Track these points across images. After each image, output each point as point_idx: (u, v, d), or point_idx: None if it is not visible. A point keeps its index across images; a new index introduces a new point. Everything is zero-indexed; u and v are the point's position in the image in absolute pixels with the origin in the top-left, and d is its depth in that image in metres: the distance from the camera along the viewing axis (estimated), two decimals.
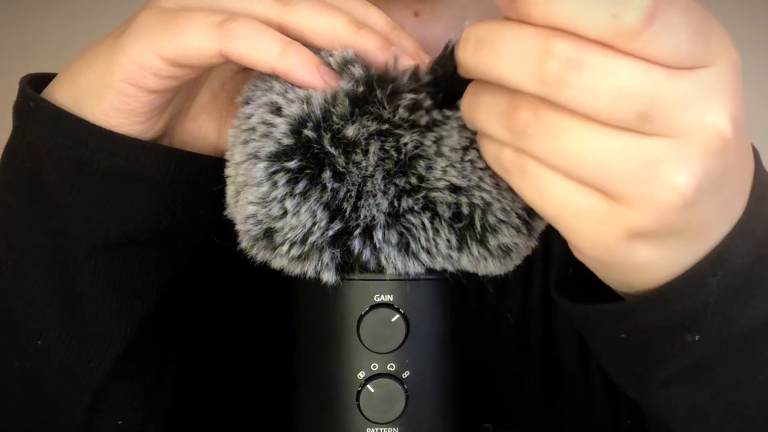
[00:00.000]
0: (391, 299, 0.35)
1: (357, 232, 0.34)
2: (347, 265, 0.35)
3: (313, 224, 0.33)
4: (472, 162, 0.34)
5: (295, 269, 0.35)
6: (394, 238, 0.34)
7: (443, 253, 0.34)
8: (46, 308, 0.41)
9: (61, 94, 0.40)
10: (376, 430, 0.35)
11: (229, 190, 0.36)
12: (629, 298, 0.34)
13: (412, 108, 0.33)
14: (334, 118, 0.34)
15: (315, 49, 0.36)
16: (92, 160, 0.38)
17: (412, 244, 0.34)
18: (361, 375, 0.35)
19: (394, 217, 0.34)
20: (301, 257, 0.34)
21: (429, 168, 0.34)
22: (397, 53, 0.35)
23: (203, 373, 0.50)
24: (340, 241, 0.34)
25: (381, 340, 0.35)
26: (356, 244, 0.34)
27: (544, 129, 0.28)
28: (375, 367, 0.35)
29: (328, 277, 0.34)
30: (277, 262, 0.35)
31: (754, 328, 0.33)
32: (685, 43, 0.26)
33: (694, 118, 0.27)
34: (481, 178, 0.34)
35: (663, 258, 0.30)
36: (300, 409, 0.38)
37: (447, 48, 0.34)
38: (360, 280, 0.35)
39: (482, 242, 0.34)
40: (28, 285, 0.41)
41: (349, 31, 0.36)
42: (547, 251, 0.52)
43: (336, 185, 0.34)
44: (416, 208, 0.34)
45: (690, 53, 0.27)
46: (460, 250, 0.34)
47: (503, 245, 0.35)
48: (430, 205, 0.34)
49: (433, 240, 0.34)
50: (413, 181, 0.34)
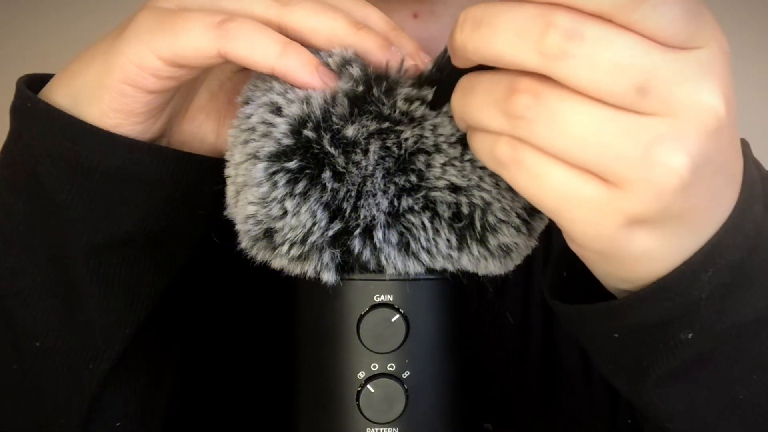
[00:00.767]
0: (391, 299, 0.35)
1: (357, 232, 0.34)
2: (347, 265, 0.35)
3: (313, 224, 0.33)
4: (471, 161, 0.34)
5: (295, 269, 0.35)
6: (394, 237, 0.34)
7: (443, 253, 0.34)
8: (45, 309, 0.41)
9: (59, 95, 0.40)
10: (376, 430, 0.35)
11: (229, 191, 0.36)
12: (622, 296, 0.34)
13: (409, 99, 0.33)
14: (334, 119, 0.34)
15: (314, 50, 0.36)
16: (90, 161, 0.38)
17: (412, 244, 0.34)
18: (361, 375, 0.35)
19: (394, 216, 0.34)
20: (301, 257, 0.34)
21: (428, 164, 0.34)
22: (399, 52, 0.35)
23: (203, 374, 0.50)
24: (340, 241, 0.34)
25: (381, 340, 0.35)
26: (356, 244, 0.34)
27: (544, 111, 0.28)
28: (375, 367, 0.35)
29: (328, 277, 0.34)
30: (277, 262, 0.35)
31: (746, 325, 0.33)
32: (679, 19, 0.27)
33: (690, 95, 0.27)
34: (481, 178, 0.34)
35: (660, 247, 0.30)
36: (300, 409, 0.38)
37: (447, 50, 0.34)
38: (360, 280, 0.35)
39: (482, 242, 0.34)
40: (27, 286, 0.41)
41: (349, 31, 0.36)
42: (548, 251, 0.52)
43: (336, 185, 0.34)
44: (416, 207, 0.34)
45: (684, 31, 0.27)
46: (460, 249, 0.34)
47: (503, 245, 0.35)
48: (430, 205, 0.34)
49: (433, 240, 0.34)
50: (413, 179, 0.34)
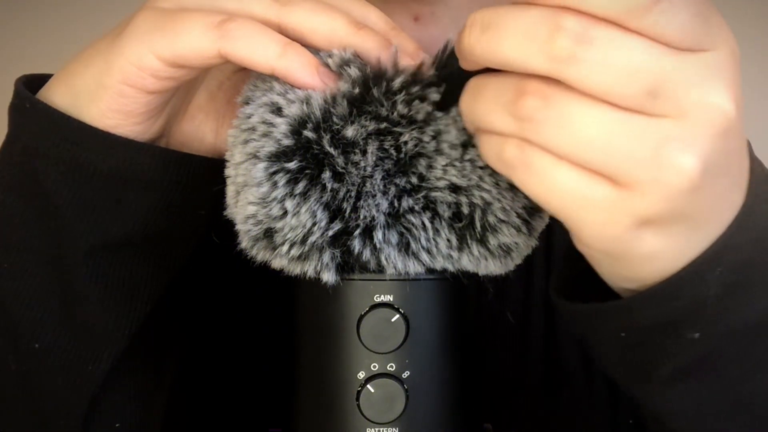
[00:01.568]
0: (391, 299, 0.35)
1: (357, 232, 0.34)
2: (347, 265, 0.35)
3: (313, 224, 0.33)
4: (472, 161, 0.34)
5: (295, 269, 0.35)
6: (394, 238, 0.34)
7: (443, 253, 0.34)
8: (44, 310, 0.41)
9: (58, 95, 0.40)
10: (376, 430, 0.35)
11: (229, 191, 0.36)
12: (627, 296, 0.34)
13: (410, 102, 0.33)
14: (334, 119, 0.34)
15: (313, 50, 0.36)
16: (89, 162, 0.38)
17: (413, 244, 0.34)
18: (361, 375, 0.35)
19: (394, 217, 0.34)
20: (301, 257, 0.34)
21: (430, 167, 0.34)
22: (396, 51, 0.35)
23: (203, 374, 0.50)
24: (340, 241, 0.34)
25: (381, 340, 0.35)
26: (356, 244, 0.34)
27: (553, 114, 0.28)
28: (375, 367, 0.35)
29: (328, 277, 0.34)
30: (277, 262, 0.35)
31: (752, 325, 0.33)
32: (689, 23, 0.27)
33: (700, 97, 0.27)
34: (481, 178, 0.34)
35: (668, 247, 0.30)
36: (300, 409, 0.38)
37: (446, 48, 0.34)
38: (360, 280, 0.35)
39: (482, 242, 0.34)
40: (26, 287, 0.41)
41: (349, 31, 0.36)
42: (549, 250, 0.52)
43: (336, 185, 0.33)
44: (416, 208, 0.34)
45: (693, 34, 0.27)
46: (460, 249, 0.34)
47: (504, 245, 0.35)
48: (430, 205, 0.34)
49: (434, 240, 0.34)
50: (414, 180, 0.34)
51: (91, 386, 0.42)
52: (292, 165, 0.33)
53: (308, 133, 0.33)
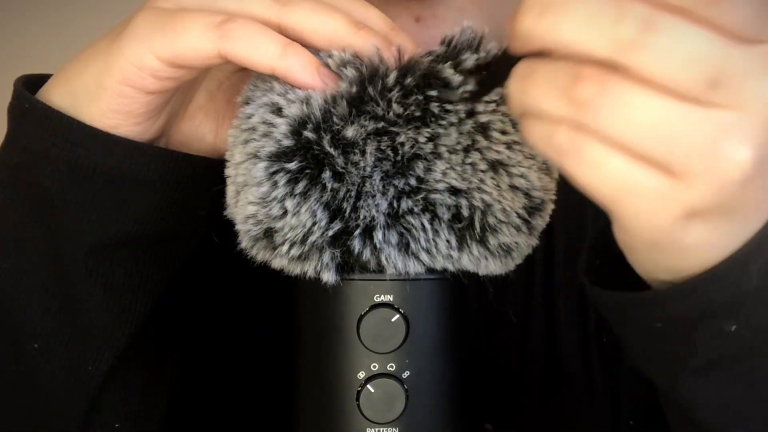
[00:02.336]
0: (391, 299, 0.35)
1: (357, 232, 0.34)
2: (347, 265, 0.35)
3: (313, 224, 0.33)
4: (473, 165, 0.34)
5: (295, 269, 0.35)
6: (394, 238, 0.34)
7: (443, 253, 0.34)
8: (44, 311, 0.41)
9: (57, 96, 0.40)
10: (376, 430, 0.35)
11: (229, 190, 0.36)
12: (663, 287, 0.33)
13: (403, 99, 0.33)
14: (334, 119, 0.34)
15: (313, 50, 0.36)
16: (89, 162, 0.38)
17: (412, 245, 0.34)
18: (361, 375, 0.35)
19: (394, 217, 0.34)
20: (301, 257, 0.34)
21: (428, 170, 0.34)
22: (397, 51, 0.35)
23: (203, 374, 0.50)
24: (340, 241, 0.34)
25: (381, 340, 0.35)
26: (356, 244, 0.34)
27: (611, 100, 0.27)
28: (375, 367, 0.35)
29: (328, 277, 0.34)
30: (277, 262, 0.35)
31: None
32: (755, 13, 0.26)
33: (758, 88, 0.27)
34: (482, 180, 0.34)
35: (712, 239, 0.30)
36: (300, 409, 0.38)
37: (451, 42, 0.35)
38: (360, 280, 0.35)
39: (482, 242, 0.34)
40: (26, 287, 0.41)
41: (349, 31, 0.36)
42: (549, 250, 0.52)
43: (336, 185, 0.34)
44: (416, 209, 0.34)
45: (758, 25, 0.27)
46: (460, 250, 0.34)
47: (504, 245, 0.35)
48: (429, 207, 0.34)
49: (433, 240, 0.34)
50: (412, 182, 0.34)
51: (91, 386, 0.42)
52: (293, 165, 0.33)
53: (308, 134, 0.33)
